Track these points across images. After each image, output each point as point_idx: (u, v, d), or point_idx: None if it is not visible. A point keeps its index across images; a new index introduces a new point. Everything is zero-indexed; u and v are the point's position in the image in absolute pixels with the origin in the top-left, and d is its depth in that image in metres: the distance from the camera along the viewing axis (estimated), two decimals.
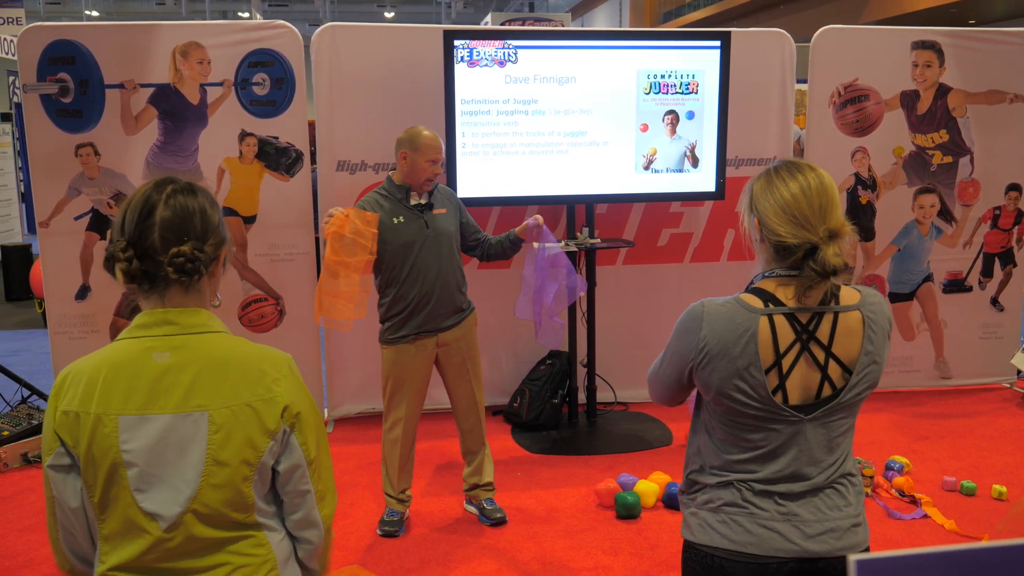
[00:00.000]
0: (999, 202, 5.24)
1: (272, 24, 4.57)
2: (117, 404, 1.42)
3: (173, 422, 1.42)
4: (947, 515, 3.71)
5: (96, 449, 1.41)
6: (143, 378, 1.43)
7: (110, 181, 4.55)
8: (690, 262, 5.09)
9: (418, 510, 3.80)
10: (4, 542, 3.56)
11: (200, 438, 1.42)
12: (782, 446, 1.70)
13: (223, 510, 1.44)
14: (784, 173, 1.69)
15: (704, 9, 23.37)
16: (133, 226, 1.44)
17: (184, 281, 1.45)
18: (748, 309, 1.67)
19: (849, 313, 1.67)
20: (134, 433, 1.41)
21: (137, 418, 1.41)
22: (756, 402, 1.66)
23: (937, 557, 1.08)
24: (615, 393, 5.03)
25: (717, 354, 1.66)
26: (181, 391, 1.42)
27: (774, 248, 1.68)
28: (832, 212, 1.64)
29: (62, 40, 4.41)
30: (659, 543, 3.47)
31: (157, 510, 1.42)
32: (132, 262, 1.43)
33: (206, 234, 1.47)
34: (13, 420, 4.45)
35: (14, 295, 8.89)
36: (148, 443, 1.41)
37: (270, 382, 1.47)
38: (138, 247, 1.44)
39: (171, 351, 1.44)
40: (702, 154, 4.60)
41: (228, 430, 1.43)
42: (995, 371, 5.38)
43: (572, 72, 4.43)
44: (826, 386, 1.67)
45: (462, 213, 3.62)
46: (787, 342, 1.65)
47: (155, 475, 1.42)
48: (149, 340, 1.45)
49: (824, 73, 4.97)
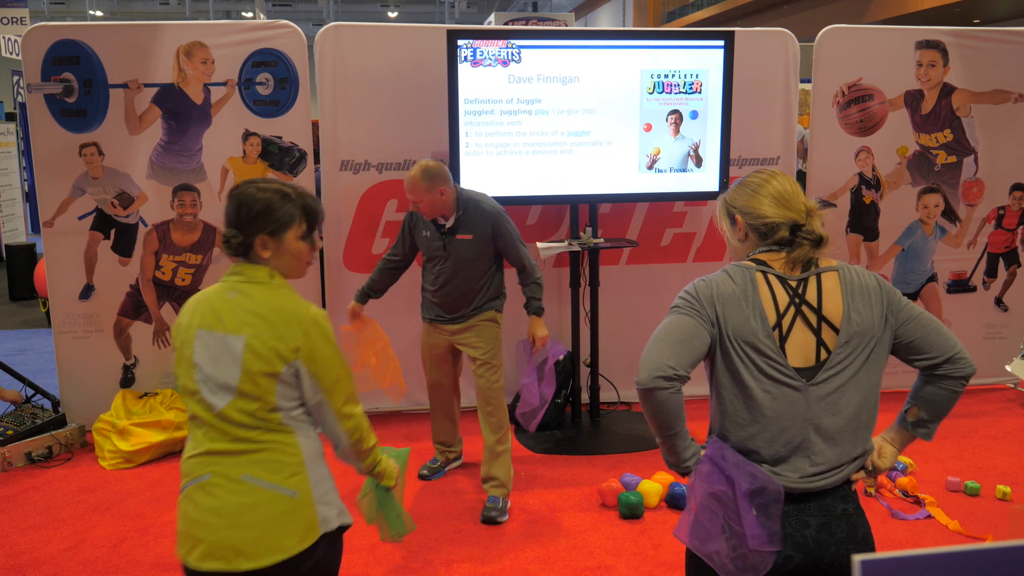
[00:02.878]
0: (1003, 202, 5.23)
1: (276, 24, 4.58)
2: (198, 320, 1.97)
3: (225, 338, 1.93)
4: (951, 516, 3.70)
5: (185, 351, 1.98)
6: (217, 307, 1.96)
7: (114, 181, 4.56)
8: (693, 262, 5.09)
9: (422, 510, 3.80)
10: (9, 541, 3.56)
11: (239, 354, 1.91)
12: (787, 417, 1.78)
13: (254, 406, 1.91)
14: (759, 176, 1.92)
15: (708, 8, 23.35)
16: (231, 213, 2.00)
17: (231, 254, 1.99)
18: (743, 267, 1.86)
19: (829, 273, 1.85)
20: (203, 343, 1.95)
21: (207, 332, 1.95)
22: (769, 353, 1.78)
23: (941, 558, 1.08)
24: (618, 393, 5.02)
25: (730, 304, 1.80)
26: (237, 321, 1.93)
27: (761, 234, 1.88)
28: (803, 196, 1.89)
29: (66, 40, 4.42)
30: (662, 543, 3.47)
31: (212, 401, 1.93)
32: (232, 239, 1.98)
33: (239, 222, 1.96)
34: (17, 419, 4.46)
35: (18, 295, 8.90)
36: (209, 352, 1.94)
37: (294, 327, 1.93)
38: (229, 227, 2.00)
39: (238, 293, 1.96)
40: (706, 154, 4.59)
41: (257, 353, 1.90)
42: (999, 371, 5.36)
43: (576, 72, 4.43)
44: (823, 351, 1.80)
45: (497, 240, 3.71)
46: (784, 303, 1.81)
47: (211, 374, 1.93)
48: (228, 283, 1.99)
49: (828, 73, 4.96)
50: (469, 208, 3.66)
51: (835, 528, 1.78)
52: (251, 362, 1.91)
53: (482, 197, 3.75)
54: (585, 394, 4.84)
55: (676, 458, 1.84)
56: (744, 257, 1.92)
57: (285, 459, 1.93)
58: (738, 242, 1.94)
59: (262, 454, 1.93)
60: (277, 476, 1.92)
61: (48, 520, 3.74)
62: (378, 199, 4.72)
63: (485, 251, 3.69)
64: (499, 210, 3.71)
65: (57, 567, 3.35)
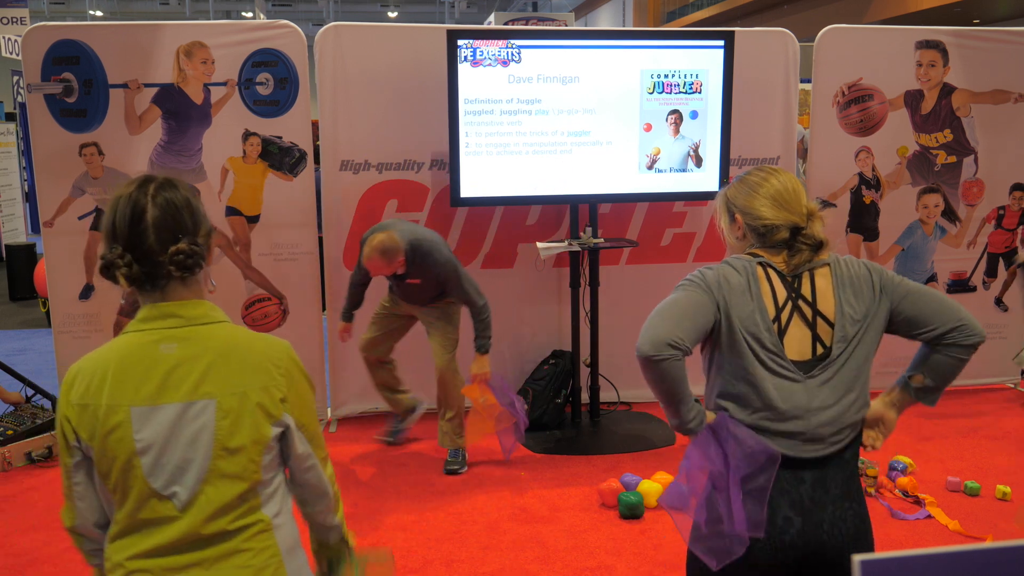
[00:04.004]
0: (1003, 202, 5.23)
1: (276, 24, 4.58)
2: (128, 395, 1.46)
3: (183, 410, 1.46)
4: (951, 516, 3.70)
5: (111, 440, 1.45)
6: (153, 369, 1.47)
7: (114, 181, 4.55)
8: (693, 262, 5.09)
9: (422, 510, 3.80)
10: (8, 541, 3.56)
11: (208, 424, 1.46)
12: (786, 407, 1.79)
13: (231, 493, 1.48)
14: (759, 174, 1.89)
15: (708, 8, 23.34)
16: (126, 230, 1.47)
17: (185, 276, 1.50)
18: (743, 260, 1.86)
19: (821, 268, 1.85)
20: (146, 422, 1.45)
21: (149, 408, 1.45)
22: (770, 346, 1.79)
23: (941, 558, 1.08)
24: (618, 393, 5.02)
25: (735, 291, 1.81)
26: (192, 380, 1.47)
27: (758, 234, 1.87)
28: (804, 197, 1.87)
29: (66, 40, 4.42)
30: (662, 543, 3.47)
31: (170, 493, 1.46)
32: (132, 267, 1.47)
33: (197, 226, 1.52)
34: (17, 419, 4.46)
35: (18, 294, 8.90)
36: (160, 431, 1.45)
37: (273, 370, 1.52)
38: (136, 251, 1.47)
39: (178, 343, 1.48)
40: (705, 154, 4.59)
41: (236, 416, 1.47)
42: (999, 371, 5.36)
43: (575, 72, 4.43)
44: (819, 346, 1.81)
45: (446, 286, 4.00)
46: (782, 297, 1.82)
47: (167, 461, 1.46)
48: (155, 333, 1.49)
49: (828, 73, 4.96)
50: (416, 261, 3.91)
51: (830, 484, 1.80)
52: (228, 432, 1.47)
53: (431, 245, 3.92)
54: (585, 394, 4.83)
55: (680, 420, 1.85)
56: (742, 253, 1.91)
57: (261, 560, 1.52)
58: (736, 240, 1.94)
59: (236, 557, 1.49)
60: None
61: (48, 520, 3.74)
62: (378, 199, 4.72)
63: (435, 286, 4.03)
64: (446, 259, 3.94)
65: (57, 567, 3.35)
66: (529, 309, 4.99)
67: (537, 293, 4.98)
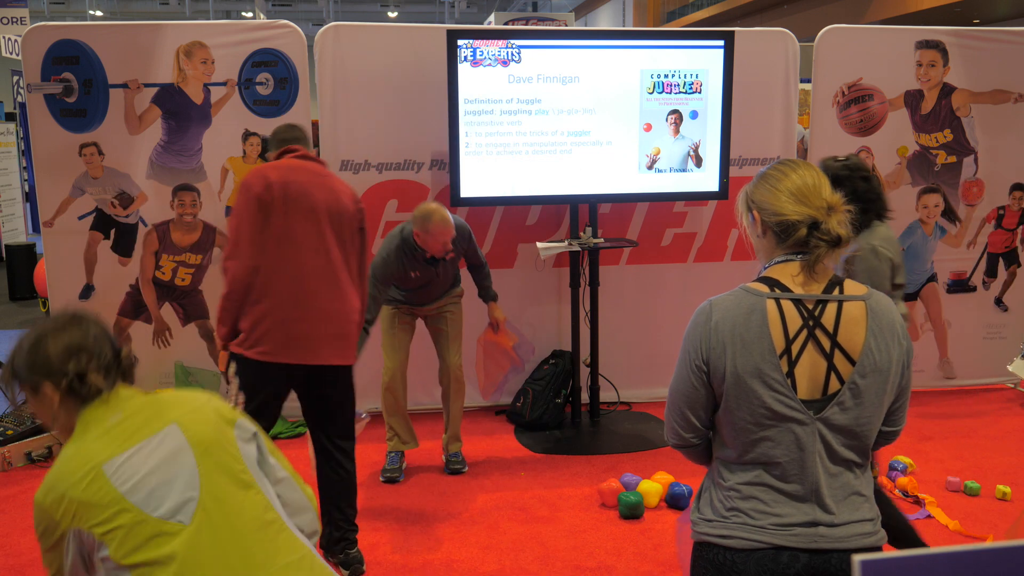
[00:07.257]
0: (1003, 202, 5.23)
1: (275, 24, 4.58)
2: (98, 456, 1.52)
3: (153, 441, 1.56)
4: (951, 515, 3.70)
5: (94, 494, 1.50)
6: (113, 429, 1.57)
7: (114, 181, 4.56)
8: (694, 262, 5.09)
9: (422, 510, 3.80)
10: (8, 541, 3.56)
11: (182, 443, 1.58)
12: (790, 451, 1.68)
13: (229, 488, 1.59)
14: (779, 167, 1.81)
15: (708, 8, 23.34)
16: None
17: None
18: (754, 294, 1.72)
19: (854, 303, 1.71)
20: (124, 469, 1.51)
21: (121, 456, 1.53)
22: (778, 387, 1.66)
23: (941, 558, 1.08)
24: (618, 393, 5.02)
25: (731, 340, 1.69)
26: (150, 418, 1.60)
27: (777, 232, 1.76)
28: (826, 188, 1.76)
29: (66, 40, 4.42)
30: (662, 543, 3.47)
31: (175, 516, 1.52)
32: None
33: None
34: (17, 419, 4.46)
35: (18, 294, 8.90)
36: (143, 469, 1.53)
37: (210, 399, 1.71)
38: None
39: (122, 414, 1.61)
40: (705, 154, 4.59)
41: (197, 428, 1.61)
42: (999, 371, 5.36)
43: (575, 72, 4.43)
44: (833, 379, 1.68)
45: (467, 250, 4.10)
46: (795, 327, 1.69)
47: (159, 488, 1.53)
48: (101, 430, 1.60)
49: (828, 73, 4.96)
50: (459, 242, 3.95)
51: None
52: (197, 442, 1.61)
53: (464, 224, 4.06)
54: (585, 394, 4.83)
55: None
56: (766, 259, 1.80)
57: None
58: (757, 238, 1.83)
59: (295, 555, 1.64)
60: None
61: None
62: (378, 199, 4.72)
63: (454, 269, 4.12)
64: (467, 226, 4.07)
65: None
66: (529, 309, 4.99)
67: (537, 293, 4.99)
